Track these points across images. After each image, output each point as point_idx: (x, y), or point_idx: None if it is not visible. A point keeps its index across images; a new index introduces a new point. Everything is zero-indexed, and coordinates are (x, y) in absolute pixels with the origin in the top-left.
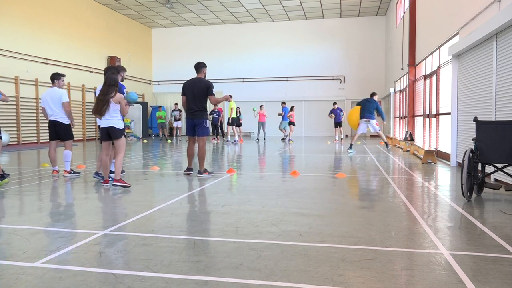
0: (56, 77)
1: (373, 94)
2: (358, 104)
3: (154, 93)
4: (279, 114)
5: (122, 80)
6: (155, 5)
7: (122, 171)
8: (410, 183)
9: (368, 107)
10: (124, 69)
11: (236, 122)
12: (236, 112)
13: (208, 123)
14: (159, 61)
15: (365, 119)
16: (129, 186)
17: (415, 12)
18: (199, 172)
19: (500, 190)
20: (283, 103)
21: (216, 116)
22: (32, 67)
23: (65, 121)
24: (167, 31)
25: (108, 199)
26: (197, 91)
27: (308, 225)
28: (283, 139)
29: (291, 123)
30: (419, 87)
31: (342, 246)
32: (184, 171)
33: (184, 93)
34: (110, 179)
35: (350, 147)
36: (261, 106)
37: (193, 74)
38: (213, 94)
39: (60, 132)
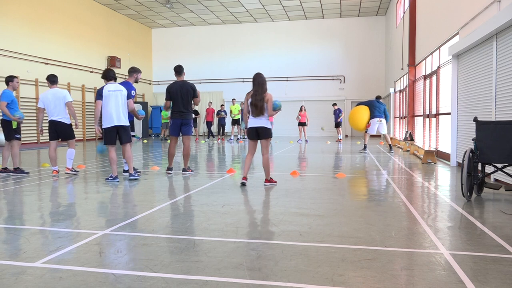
0: (57, 79)
1: (380, 97)
2: (361, 104)
3: (154, 93)
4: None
5: (137, 82)
6: (155, 5)
7: (135, 170)
8: (410, 183)
9: (379, 108)
10: (138, 71)
11: (237, 122)
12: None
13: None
14: (159, 61)
15: (378, 119)
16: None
17: (415, 12)
18: (184, 170)
19: (500, 190)
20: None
21: (224, 116)
22: (32, 67)
23: (67, 121)
24: (167, 31)
25: (108, 199)
26: (185, 94)
27: (308, 225)
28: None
29: (302, 123)
30: (419, 87)
31: (342, 246)
32: (167, 171)
33: (170, 96)
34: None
35: (365, 148)
36: None
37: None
38: (198, 97)
39: (62, 132)
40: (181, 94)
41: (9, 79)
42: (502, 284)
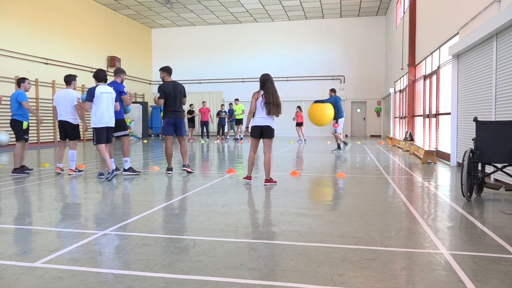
0: (73, 79)
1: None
2: (319, 101)
3: (154, 93)
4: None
5: (122, 82)
6: (155, 5)
7: (134, 171)
8: (410, 183)
9: (341, 106)
10: (124, 72)
11: (240, 122)
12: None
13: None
14: (159, 61)
15: (343, 118)
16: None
17: (415, 12)
18: (184, 166)
19: (500, 190)
20: (222, 105)
21: (224, 116)
22: (32, 67)
23: (74, 121)
24: (167, 31)
25: (108, 199)
26: (179, 94)
27: (308, 225)
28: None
29: (299, 123)
30: (419, 87)
31: (342, 246)
32: (166, 171)
33: (164, 95)
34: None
35: (339, 147)
36: None
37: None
38: (185, 96)
39: (68, 132)
40: (175, 94)
41: (21, 81)
42: (502, 284)
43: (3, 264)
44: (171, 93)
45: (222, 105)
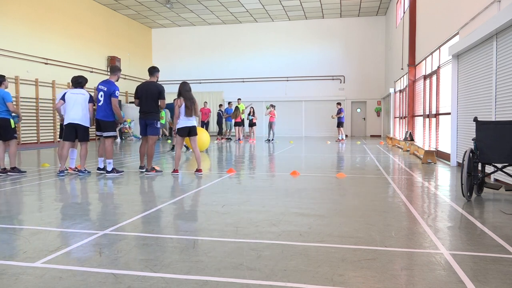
0: (2, 79)
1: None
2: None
3: None
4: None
5: (117, 80)
6: (155, 5)
7: (118, 171)
8: (410, 183)
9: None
10: (120, 69)
11: (240, 123)
12: (250, 112)
13: (159, 124)
14: (159, 61)
15: None
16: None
17: (415, 12)
18: (147, 170)
19: (500, 190)
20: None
21: (226, 116)
22: (32, 67)
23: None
24: (167, 31)
25: (108, 199)
26: (150, 94)
27: (308, 225)
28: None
29: (253, 124)
30: (419, 87)
31: (342, 246)
32: (139, 169)
33: (137, 95)
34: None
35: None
36: (274, 106)
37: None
38: (164, 98)
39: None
40: (146, 95)
41: (2, 79)
42: (502, 284)
43: (3, 264)
44: (143, 93)
45: (221, 104)
